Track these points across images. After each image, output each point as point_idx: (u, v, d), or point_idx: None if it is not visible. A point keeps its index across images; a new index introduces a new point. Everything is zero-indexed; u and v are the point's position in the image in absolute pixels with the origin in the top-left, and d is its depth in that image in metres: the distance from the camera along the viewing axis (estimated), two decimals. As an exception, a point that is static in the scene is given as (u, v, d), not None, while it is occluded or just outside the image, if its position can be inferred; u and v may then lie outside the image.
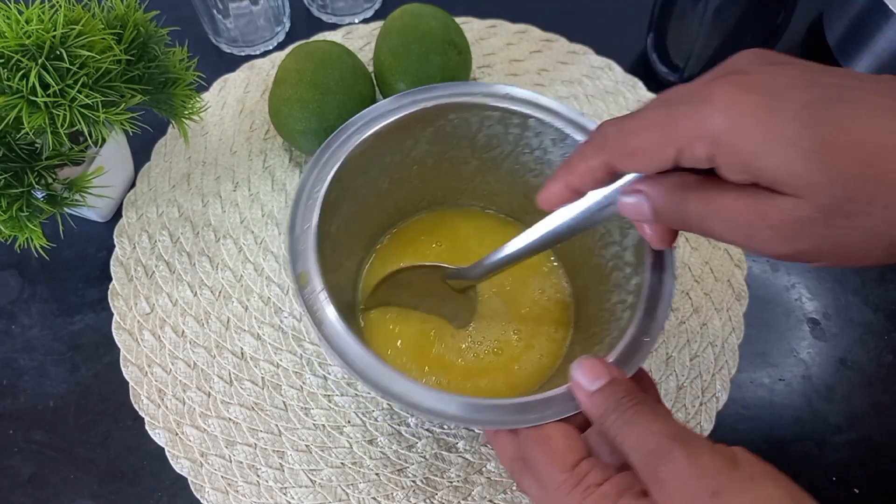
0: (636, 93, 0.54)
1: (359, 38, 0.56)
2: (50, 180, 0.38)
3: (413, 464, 0.40)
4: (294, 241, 0.33)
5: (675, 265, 0.33)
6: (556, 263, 0.44)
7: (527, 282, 0.43)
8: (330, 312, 0.31)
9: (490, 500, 0.40)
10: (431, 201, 0.45)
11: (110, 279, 0.45)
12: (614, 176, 0.26)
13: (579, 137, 0.36)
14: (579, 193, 0.28)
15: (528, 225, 0.33)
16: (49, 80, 0.33)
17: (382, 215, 0.43)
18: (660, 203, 0.26)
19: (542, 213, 0.41)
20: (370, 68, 0.50)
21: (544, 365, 0.41)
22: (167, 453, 0.40)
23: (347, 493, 0.39)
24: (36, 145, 0.37)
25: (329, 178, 0.35)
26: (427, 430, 0.41)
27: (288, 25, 0.57)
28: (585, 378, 0.28)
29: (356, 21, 0.57)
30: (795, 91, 0.22)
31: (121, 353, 0.43)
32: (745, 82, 0.22)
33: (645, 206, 0.26)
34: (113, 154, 0.45)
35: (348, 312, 0.41)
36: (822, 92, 0.22)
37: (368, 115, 0.37)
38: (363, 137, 0.36)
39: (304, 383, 0.42)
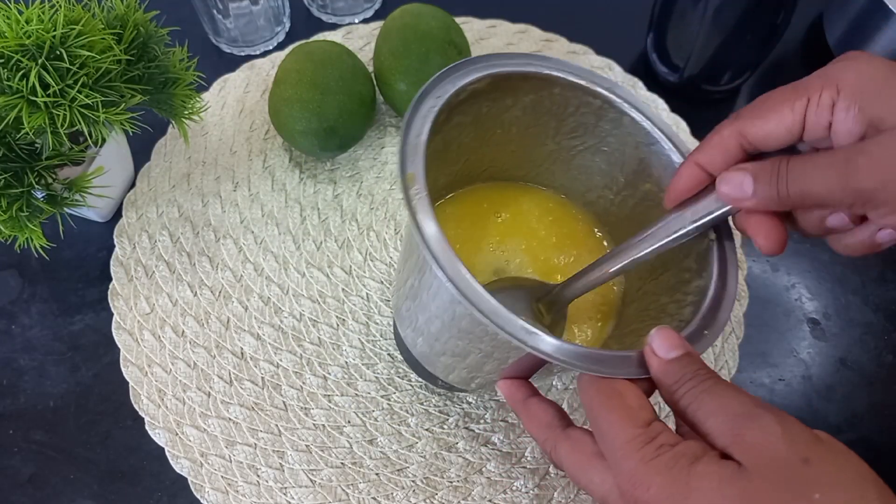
0: (636, 93, 0.54)
1: (359, 38, 0.56)
2: (50, 180, 0.38)
3: (413, 464, 0.40)
4: (406, 144, 0.33)
5: (737, 274, 0.34)
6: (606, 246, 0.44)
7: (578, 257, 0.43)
8: (429, 215, 0.30)
9: (490, 500, 0.40)
10: (494, 171, 0.44)
11: (110, 279, 0.45)
12: (744, 151, 0.28)
13: (667, 146, 0.36)
14: (708, 175, 0.29)
15: (591, 212, 0.34)
16: (49, 80, 0.33)
17: (452, 167, 0.43)
18: (761, 173, 0.27)
19: (601, 215, 0.42)
20: (370, 68, 0.50)
21: (593, 340, 0.40)
22: (167, 453, 0.40)
23: (347, 493, 0.39)
24: (36, 145, 0.37)
25: (444, 99, 0.35)
26: (427, 429, 0.41)
27: (288, 25, 0.57)
28: (662, 346, 0.28)
29: (356, 21, 0.57)
30: None
31: (121, 353, 0.43)
32: (864, 55, 0.26)
33: (747, 179, 0.28)
34: (113, 154, 0.45)
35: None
36: None
37: (490, 60, 0.37)
38: (481, 75, 0.36)
39: (304, 383, 0.42)
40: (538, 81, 0.38)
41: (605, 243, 0.44)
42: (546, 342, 0.29)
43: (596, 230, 0.44)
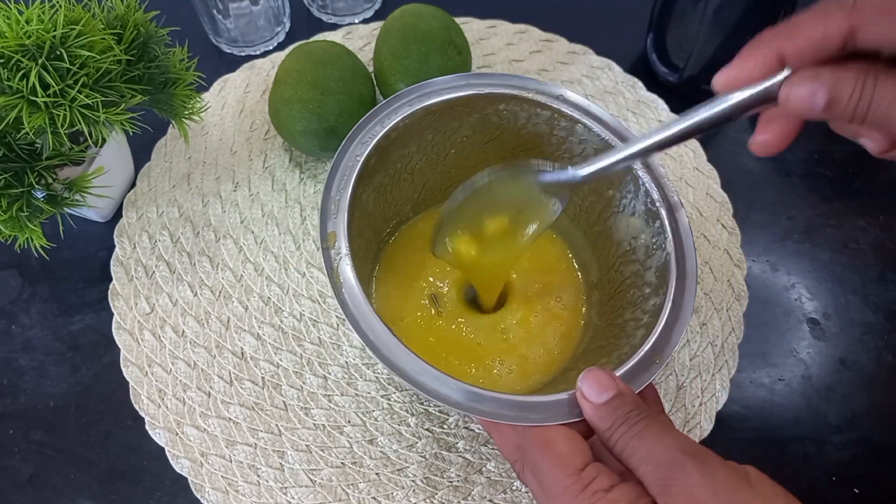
0: (636, 93, 0.54)
1: (359, 39, 0.56)
2: (50, 180, 0.38)
3: (413, 464, 0.40)
4: (328, 200, 0.33)
5: (696, 294, 0.33)
6: (575, 272, 0.44)
7: (546, 284, 0.43)
8: (350, 277, 0.31)
9: (490, 500, 0.40)
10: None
11: (110, 279, 0.45)
12: (841, 43, 0.23)
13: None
14: (781, 67, 0.24)
15: (557, 233, 0.32)
16: (49, 80, 0.33)
17: (410, 193, 0.43)
18: (841, 89, 0.23)
19: (571, 222, 0.41)
20: (370, 68, 0.50)
21: (552, 362, 0.41)
22: (167, 453, 0.40)
23: (347, 493, 0.39)
24: (36, 145, 0.37)
25: (373, 143, 0.35)
26: (427, 429, 0.41)
27: (288, 25, 0.57)
28: (592, 390, 0.27)
29: (356, 21, 0.57)
30: None
31: (121, 353, 0.43)
32: None
33: (822, 93, 0.23)
34: (113, 154, 0.45)
35: (364, 282, 0.41)
36: None
37: (420, 90, 0.37)
38: (413, 110, 0.36)
39: (304, 383, 0.42)
40: (479, 101, 0.37)
41: (569, 254, 0.44)
42: (458, 390, 0.29)
43: (562, 240, 0.45)
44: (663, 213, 0.35)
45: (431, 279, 0.43)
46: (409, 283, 0.43)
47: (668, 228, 0.34)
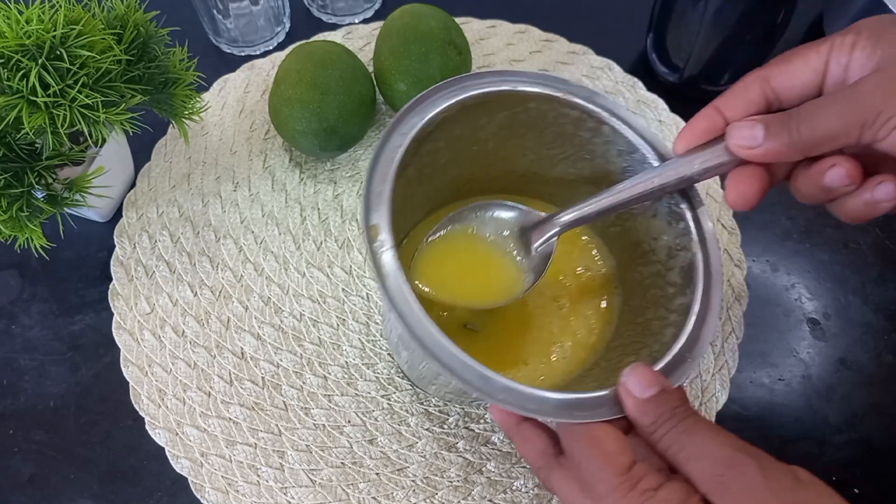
0: (636, 93, 0.54)
1: (359, 39, 0.56)
2: (50, 180, 0.38)
3: (413, 463, 0.40)
4: (370, 192, 0.33)
5: (723, 289, 0.34)
6: (598, 266, 0.44)
7: (567, 280, 0.43)
8: (395, 268, 0.31)
9: (490, 500, 0.40)
10: (475, 185, 0.44)
11: (110, 279, 0.45)
12: (767, 102, 0.29)
13: (648, 153, 0.36)
14: (724, 121, 0.30)
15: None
16: (49, 80, 0.33)
17: (429, 191, 0.43)
18: (773, 122, 0.27)
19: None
20: (370, 68, 0.50)
21: (574, 362, 0.40)
22: (167, 453, 0.40)
23: (347, 493, 0.39)
24: (36, 145, 0.37)
25: (412, 134, 0.34)
26: (427, 429, 0.41)
27: (288, 25, 0.57)
28: (637, 385, 0.27)
29: (356, 21, 0.57)
30: None
31: (121, 353, 0.43)
32: (889, 14, 0.28)
33: (758, 127, 0.28)
34: (113, 154, 0.45)
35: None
36: None
37: (459, 83, 0.36)
38: (449, 103, 0.35)
39: (304, 383, 0.42)
40: (511, 98, 0.37)
41: (595, 252, 0.44)
42: (501, 388, 0.28)
43: (584, 237, 0.44)
44: (688, 214, 0.35)
45: (452, 276, 0.42)
46: (432, 279, 0.42)
47: (694, 230, 0.35)
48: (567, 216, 0.35)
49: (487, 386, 0.29)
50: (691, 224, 0.35)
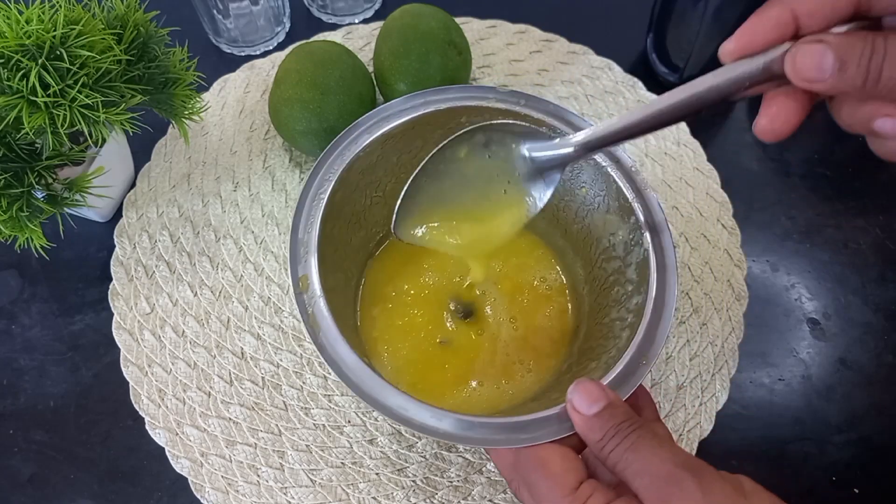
0: (636, 93, 0.54)
1: (359, 39, 0.56)
2: (50, 180, 0.38)
3: (413, 463, 0.40)
4: (296, 243, 0.33)
5: (678, 288, 0.33)
6: (559, 270, 0.44)
7: (531, 286, 0.43)
8: (327, 318, 0.31)
9: (490, 500, 0.40)
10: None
11: (110, 279, 0.45)
12: (858, 4, 0.22)
13: (564, 129, 0.36)
14: (794, 30, 0.23)
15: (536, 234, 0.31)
16: (49, 80, 0.33)
17: (386, 214, 0.43)
18: (849, 51, 0.21)
19: (551, 221, 0.40)
20: (370, 68, 0.50)
21: (544, 368, 0.41)
22: (167, 453, 0.40)
23: (347, 493, 0.39)
24: (36, 145, 0.37)
25: (335, 179, 0.35)
26: (427, 430, 0.41)
27: (288, 25, 0.57)
28: (583, 401, 0.27)
29: (356, 21, 0.57)
30: None
31: (121, 353, 0.43)
32: None
33: (829, 55, 0.22)
34: (113, 154, 0.45)
35: (346, 312, 0.41)
36: None
37: (378, 115, 0.37)
38: (373, 138, 0.36)
39: (304, 383, 0.42)
40: (440, 116, 0.37)
41: (552, 258, 0.44)
42: (447, 420, 0.29)
43: (540, 250, 0.45)
44: (637, 207, 0.35)
45: (415, 293, 0.43)
46: (396, 302, 0.42)
47: (644, 223, 0.34)
48: (580, 136, 0.30)
49: (431, 421, 0.29)
50: (642, 217, 0.34)
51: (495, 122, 0.33)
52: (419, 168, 0.32)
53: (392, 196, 0.41)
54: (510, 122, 0.33)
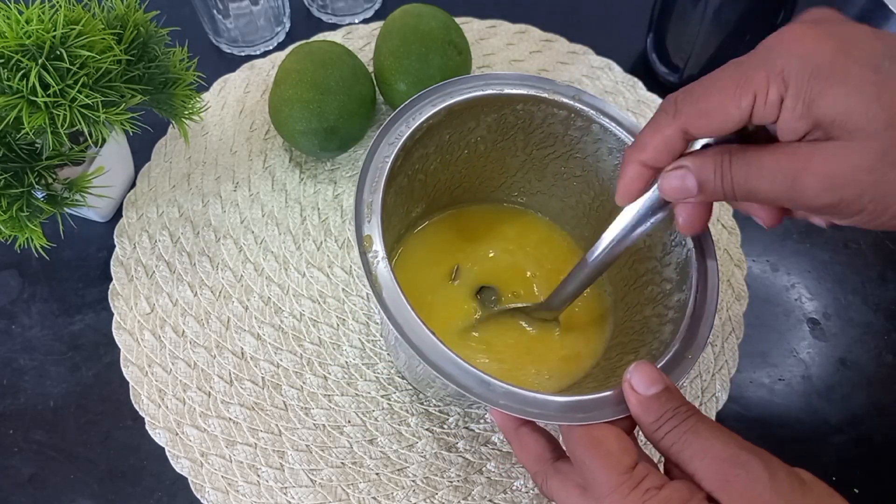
0: (636, 93, 0.54)
1: (359, 39, 0.56)
2: (50, 180, 0.38)
3: (413, 463, 0.40)
4: (361, 203, 0.33)
5: (719, 285, 0.33)
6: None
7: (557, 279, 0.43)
8: (389, 280, 0.31)
9: (490, 500, 0.40)
10: (467, 190, 0.44)
11: (110, 279, 0.45)
12: (687, 144, 0.27)
13: None
14: (654, 171, 0.28)
15: (568, 229, 0.34)
16: (49, 80, 0.33)
17: (422, 195, 0.43)
18: (704, 172, 0.26)
19: (581, 218, 0.41)
20: (370, 68, 0.50)
21: (576, 360, 0.40)
22: (167, 453, 0.40)
23: (348, 493, 0.39)
24: (36, 145, 0.37)
25: (400, 143, 0.34)
26: (427, 429, 0.41)
27: (288, 25, 0.57)
28: (641, 382, 0.27)
29: (356, 21, 0.57)
30: (866, 42, 0.23)
31: (121, 353, 0.43)
32: (817, 28, 0.24)
33: (690, 178, 0.27)
34: (113, 154, 0.45)
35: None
36: (890, 47, 0.23)
37: (444, 89, 0.36)
38: (437, 109, 0.36)
39: (304, 383, 0.42)
40: (498, 101, 0.37)
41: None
42: (503, 394, 0.29)
43: (575, 242, 0.45)
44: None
45: (443, 278, 0.43)
46: (424, 286, 0.42)
47: None
48: (555, 298, 0.37)
49: (487, 391, 0.29)
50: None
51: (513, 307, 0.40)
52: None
53: (432, 177, 0.41)
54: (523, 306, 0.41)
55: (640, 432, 0.27)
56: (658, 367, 0.30)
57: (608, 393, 0.29)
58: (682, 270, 0.34)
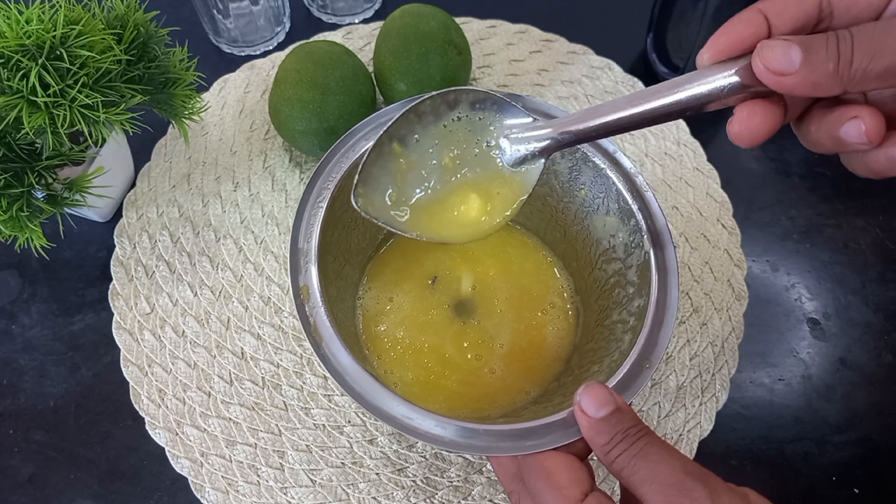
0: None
1: (359, 39, 0.56)
2: (50, 180, 0.38)
3: (413, 463, 0.40)
4: (296, 253, 0.33)
5: (679, 290, 0.33)
6: (559, 276, 0.44)
7: (532, 290, 0.43)
8: (329, 329, 0.31)
9: (490, 500, 0.40)
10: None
11: (110, 279, 0.45)
12: (821, 18, 0.23)
13: (589, 151, 0.36)
14: (765, 32, 0.24)
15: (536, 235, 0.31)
16: (49, 80, 0.33)
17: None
18: (814, 43, 0.22)
19: (550, 221, 0.40)
20: (370, 68, 0.50)
21: (547, 367, 0.41)
22: (167, 453, 0.40)
23: (348, 493, 0.39)
24: (36, 145, 0.37)
25: (333, 186, 0.35)
26: (427, 429, 0.41)
27: (288, 25, 0.57)
28: (591, 405, 0.27)
29: (356, 21, 0.58)
30: None
31: (121, 353, 0.43)
32: None
33: (795, 50, 0.22)
34: (113, 154, 0.45)
35: (348, 316, 0.40)
36: None
37: (375, 121, 0.37)
38: (370, 143, 0.36)
39: (304, 383, 0.42)
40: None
41: (548, 257, 0.44)
42: (451, 429, 0.28)
43: (544, 253, 0.45)
44: (636, 209, 0.35)
45: (415, 294, 0.43)
46: (396, 303, 0.42)
47: (644, 226, 0.34)
48: (552, 129, 0.30)
49: (435, 428, 0.29)
50: (642, 220, 0.34)
51: (470, 87, 0.32)
52: (383, 130, 0.31)
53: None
54: (487, 90, 0.31)
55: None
56: (616, 378, 0.30)
57: (559, 416, 0.29)
58: (641, 273, 0.34)
